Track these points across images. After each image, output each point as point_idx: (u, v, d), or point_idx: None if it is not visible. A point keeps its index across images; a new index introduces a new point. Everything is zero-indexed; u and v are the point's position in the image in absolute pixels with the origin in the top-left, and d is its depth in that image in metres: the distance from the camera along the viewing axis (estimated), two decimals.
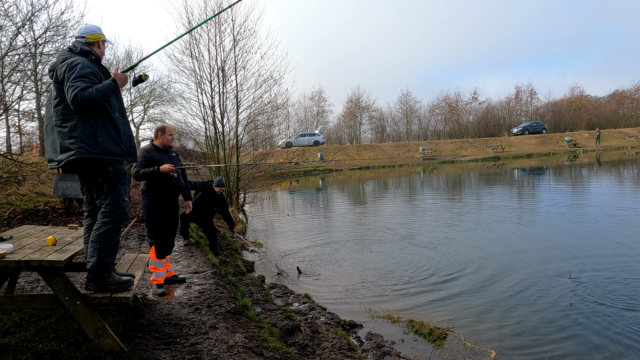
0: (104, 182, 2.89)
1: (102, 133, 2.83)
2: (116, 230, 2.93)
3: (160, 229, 4.49)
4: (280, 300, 5.52)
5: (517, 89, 55.04)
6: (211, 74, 12.54)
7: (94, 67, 2.88)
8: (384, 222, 10.97)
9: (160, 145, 4.61)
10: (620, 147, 36.69)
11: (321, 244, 8.95)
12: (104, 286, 2.87)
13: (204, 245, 7.23)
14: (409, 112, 54.56)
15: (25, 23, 10.38)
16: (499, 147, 38.53)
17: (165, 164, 4.45)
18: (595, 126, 44.33)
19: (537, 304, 5.02)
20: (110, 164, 2.89)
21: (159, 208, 4.47)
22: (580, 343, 4.07)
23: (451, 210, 12.31)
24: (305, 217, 12.82)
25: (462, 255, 7.27)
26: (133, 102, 27.03)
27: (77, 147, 2.75)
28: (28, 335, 2.97)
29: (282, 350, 3.50)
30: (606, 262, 6.35)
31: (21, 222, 7.68)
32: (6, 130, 14.00)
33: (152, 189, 4.46)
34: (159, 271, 4.47)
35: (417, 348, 4.15)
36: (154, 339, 3.29)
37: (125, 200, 2.98)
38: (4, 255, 2.70)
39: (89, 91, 2.69)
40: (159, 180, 4.44)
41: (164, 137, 4.63)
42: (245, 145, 14.12)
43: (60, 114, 2.81)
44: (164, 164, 4.43)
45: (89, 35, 3.03)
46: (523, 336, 4.27)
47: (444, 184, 20.29)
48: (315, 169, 33.36)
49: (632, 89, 52.91)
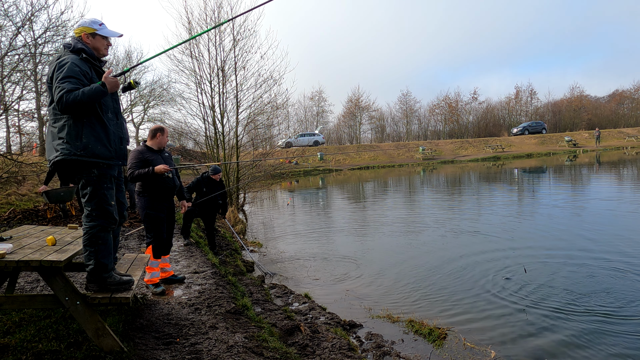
0: (87, 184, 2.79)
1: (89, 134, 2.72)
2: (105, 231, 2.84)
3: (157, 229, 4.51)
4: (280, 300, 5.52)
5: (517, 89, 55.15)
6: (211, 74, 12.55)
7: (84, 66, 2.76)
8: (383, 222, 10.96)
9: (156, 146, 4.63)
10: (620, 147, 36.69)
11: (321, 243, 8.95)
12: (104, 286, 2.85)
13: (204, 245, 7.23)
14: (408, 112, 54.60)
15: (25, 23, 10.38)
16: (499, 147, 38.53)
17: (160, 164, 4.48)
18: (595, 126, 44.32)
19: (537, 304, 5.01)
20: (96, 166, 2.77)
21: (155, 208, 4.49)
22: (581, 343, 4.07)
23: (451, 210, 12.30)
24: (305, 216, 12.82)
25: (463, 255, 7.27)
26: (133, 102, 27.06)
27: (62, 148, 2.68)
28: (28, 335, 2.97)
29: (282, 350, 3.50)
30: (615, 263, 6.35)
31: (21, 222, 7.68)
32: (6, 130, 14.02)
33: (148, 190, 4.48)
34: (154, 271, 4.50)
35: (417, 348, 4.15)
36: (154, 339, 3.28)
37: (111, 205, 2.86)
38: (3, 255, 2.70)
39: (75, 94, 2.59)
40: (154, 180, 4.46)
41: (162, 138, 4.65)
42: (245, 145, 14.13)
43: (52, 114, 2.75)
44: (159, 165, 4.47)
45: (75, 30, 2.92)
46: (523, 336, 4.27)
47: (444, 183, 20.29)
48: (315, 169, 33.37)
49: (632, 89, 53.00)
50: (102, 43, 2.95)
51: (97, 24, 2.91)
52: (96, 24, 2.91)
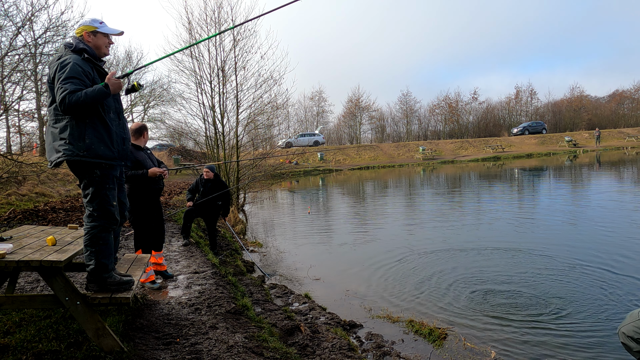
0: (90, 185, 2.78)
1: (91, 135, 2.71)
2: (106, 232, 2.84)
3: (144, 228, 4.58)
4: (280, 300, 5.52)
5: (517, 89, 55.17)
6: (211, 74, 12.56)
7: (86, 66, 2.74)
8: (383, 222, 10.97)
9: (143, 144, 4.66)
10: (620, 147, 36.68)
11: (321, 243, 8.95)
12: (104, 286, 2.85)
13: (204, 245, 7.24)
14: (408, 112, 54.59)
15: (25, 23, 10.39)
16: (499, 147, 38.53)
17: (148, 165, 4.53)
18: (595, 126, 44.31)
19: (537, 304, 5.01)
20: (98, 167, 2.77)
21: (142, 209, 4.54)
22: (582, 344, 4.07)
23: (451, 210, 12.30)
24: (305, 216, 12.81)
25: (463, 255, 7.27)
26: (133, 102, 27.07)
27: (65, 149, 2.67)
28: (28, 335, 2.97)
29: (282, 350, 3.50)
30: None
31: (21, 222, 7.68)
32: (6, 130, 14.04)
33: (135, 190, 4.48)
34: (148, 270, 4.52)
35: (417, 348, 4.15)
36: (154, 339, 3.29)
37: (113, 205, 2.85)
38: (4, 256, 2.70)
39: (77, 95, 2.57)
40: (144, 182, 4.49)
41: (147, 135, 4.72)
42: (245, 145, 14.13)
43: (53, 114, 2.73)
44: (151, 167, 4.52)
45: (76, 30, 2.92)
46: (523, 336, 4.27)
47: (444, 183, 20.28)
48: (315, 169, 33.37)
49: (632, 89, 53.00)
50: (104, 41, 2.93)
51: (97, 22, 2.92)
52: (96, 22, 2.91)
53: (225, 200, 7.43)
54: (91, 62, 2.84)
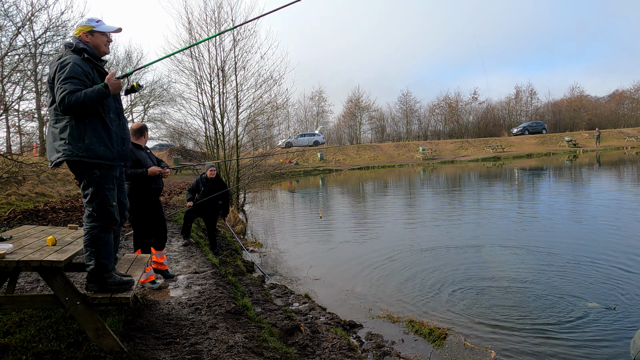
0: (89, 185, 2.78)
1: (91, 135, 2.70)
2: (106, 232, 2.84)
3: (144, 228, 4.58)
4: (280, 300, 5.52)
5: (517, 89, 55.09)
6: (211, 74, 12.56)
7: (86, 66, 2.73)
8: (383, 222, 10.97)
9: (143, 143, 4.66)
10: (620, 147, 36.68)
11: (321, 243, 8.95)
12: (104, 286, 2.85)
13: (204, 245, 7.24)
14: (408, 112, 54.53)
15: (25, 23, 10.38)
16: (499, 147, 38.52)
17: (148, 164, 4.53)
18: (595, 126, 44.29)
19: (537, 304, 5.01)
20: (98, 167, 2.76)
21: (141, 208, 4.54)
22: (583, 344, 4.07)
23: (452, 211, 12.30)
24: (305, 216, 12.81)
25: (463, 255, 7.27)
26: (133, 102, 27.07)
27: (64, 149, 2.67)
28: (28, 335, 2.97)
29: (282, 350, 3.50)
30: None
31: (21, 222, 7.68)
32: (6, 130, 14.03)
33: (134, 190, 4.48)
34: (148, 270, 4.52)
35: (417, 348, 4.15)
36: (154, 339, 3.28)
37: (112, 206, 2.85)
38: (4, 256, 2.70)
39: (77, 95, 2.57)
40: (143, 181, 4.49)
41: (147, 135, 4.74)
42: (245, 145, 14.13)
43: (53, 114, 2.73)
44: (150, 166, 4.52)
45: (75, 32, 2.90)
46: (523, 336, 4.27)
47: (444, 183, 20.28)
48: (315, 169, 33.36)
49: (632, 89, 52.95)
50: (102, 40, 2.93)
51: (93, 21, 2.91)
52: (93, 22, 2.90)
53: (225, 200, 7.43)
54: (91, 62, 2.83)
